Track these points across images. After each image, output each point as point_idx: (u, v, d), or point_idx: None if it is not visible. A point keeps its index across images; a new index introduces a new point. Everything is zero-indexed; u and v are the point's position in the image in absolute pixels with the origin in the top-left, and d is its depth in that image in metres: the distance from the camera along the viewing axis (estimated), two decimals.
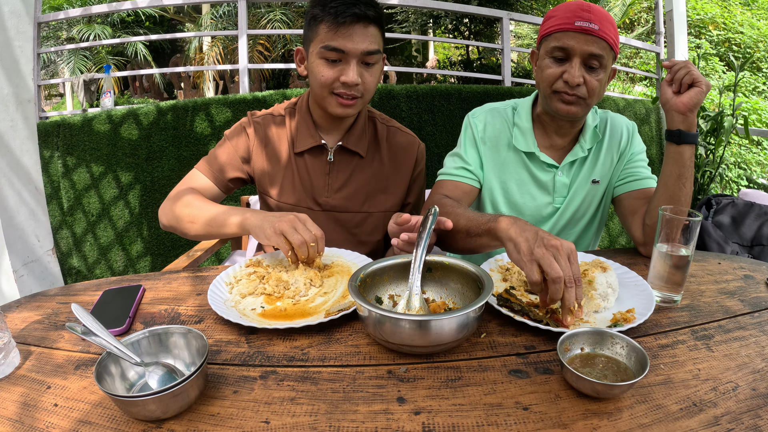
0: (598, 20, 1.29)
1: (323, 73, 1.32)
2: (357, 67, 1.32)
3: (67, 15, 3.79)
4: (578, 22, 1.29)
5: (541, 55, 1.41)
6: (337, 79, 1.32)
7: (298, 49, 1.43)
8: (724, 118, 3.83)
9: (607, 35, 1.30)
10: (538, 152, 1.47)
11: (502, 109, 1.55)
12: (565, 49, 1.32)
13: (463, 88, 3.64)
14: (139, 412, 0.73)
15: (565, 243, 0.93)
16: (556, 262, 0.89)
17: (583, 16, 1.29)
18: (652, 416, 0.73)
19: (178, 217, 1.36)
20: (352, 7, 1.27)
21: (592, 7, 1.31)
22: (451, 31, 11.25)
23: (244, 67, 3.75)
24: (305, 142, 1.46)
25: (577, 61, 1.31)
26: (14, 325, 1.04)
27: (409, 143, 1.57)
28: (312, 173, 1.48)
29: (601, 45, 1.30)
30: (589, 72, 1.33)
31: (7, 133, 2.38)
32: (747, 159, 5.90)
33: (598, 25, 1.28)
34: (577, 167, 1.50)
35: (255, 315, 1.03)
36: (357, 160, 1.50)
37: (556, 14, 1.35)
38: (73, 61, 10.08)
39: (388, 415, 0.74)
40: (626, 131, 1.53)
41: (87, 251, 3.43)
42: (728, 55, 9.17)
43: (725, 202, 2.68)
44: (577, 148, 1.48)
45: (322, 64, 1.32)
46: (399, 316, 0.83)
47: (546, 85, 1.38)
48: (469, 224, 1.16)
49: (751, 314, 1.02)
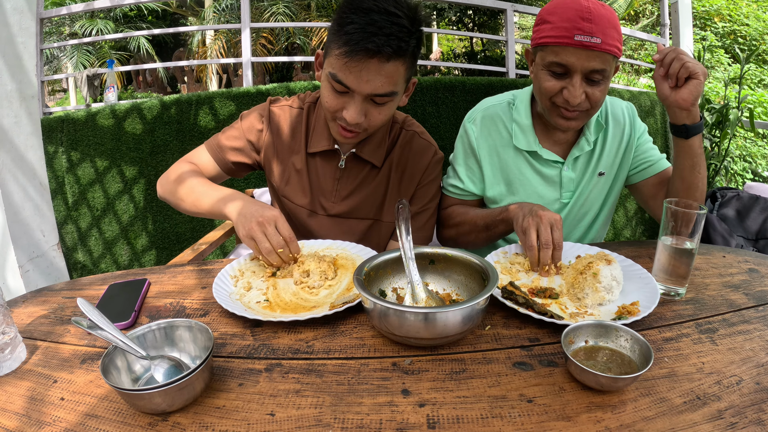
0: (600, 31, 1.16)
1: (327, 100, 1.21)
2: (362, 105, 1.18)
3: (70, 10, 3.79)
4: (578, 36, 1.17)
5: (537, 63, 1.30)
6: (339, 110, 1.21)
7: (318, 53, 1.28)
8: (729, 111, 3.81)
9: (610, 47, 1.19)
10: (541, 149, 1.42)
11: (498, 107, 1.47)
12: (564, 65, 1.22)
13: (467, 80, 3.62)
14: (145, 405, 0.73)
15: (548, 214, 1.14)
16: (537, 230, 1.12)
17: (583, 28, 1.16)
18: (656, 409, 0.73)
19: (171, 191, 1.35)
20: (370, 38, 1.08)
21: (592, 13, 1.18)
22: (455, 23, 11.20)
23: (248, 61, 3.74)
24: (319, 143, 1.38)
25: (578, 78, 1.22)
26: (20, 320, 1.04)
27: (422, 149, 1.44)
28: (321, 176, 1.41)
29: (604, 59, 1.20)
30: (591, 85, 1.24)
31: (11, 128, 2.38)
32: (752, 152, 5.87)
33: (600, 38, 1.16)
34: (583, 161, 1.45)
35: (260, 308, 1.03)
36: (369, 168, 1.41)
37: (552, 20, 1.22)
38: (76, 56, 10.09)
39: (393, 408, 0.75)
40: (627, 116, 1.46)
41: (92, 246, 3.45)
42: (734, 47, 9.11)
43: (730, 195, 2.67)
44: (582, 142, 1.41)
45: (329, 88, 1.20)
46: (404, 309, 0.83)
47: (544, 98, 1.30)
48: (487, 220, 1.35)
49: (755, 308, 1.02)
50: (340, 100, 1.19)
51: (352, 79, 1.13)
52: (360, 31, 1.08)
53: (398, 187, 1.44)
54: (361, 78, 1.13)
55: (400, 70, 1.16)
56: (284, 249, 1.11)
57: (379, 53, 1.10)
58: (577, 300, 1.02)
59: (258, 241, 1.09)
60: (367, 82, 1.13)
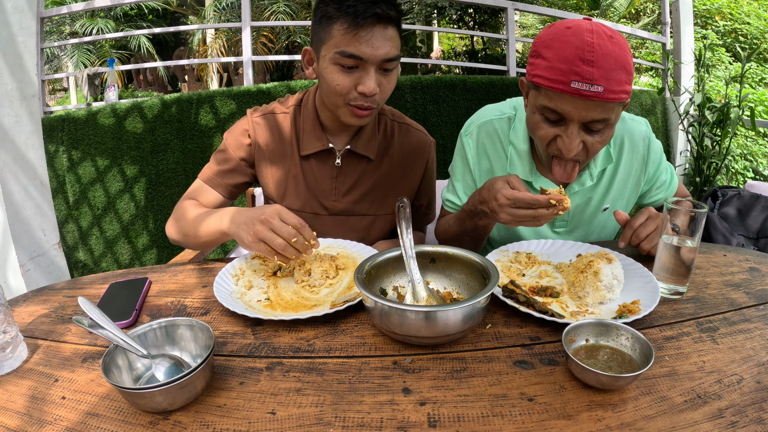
0: (603, 76, 0.98)
1: (338, 82, 1.20)
2: (376, 75, 1.20)
3: (70, 9, 3.79)
4: (575, 84, 0.99)
5: (530, 103, 1.14)
6: (353, 88, 1.20)
7: (305, 49, 1.30)
8: (730, 110, 3.80)
9: (615, 95, 1.00)
10: (537, 179, 1.28)
11: (497, 122, 1.33)
12: (558, 113, 1.07)
13: (468, 79, 3.62)
14: (147, 403, 0.73)
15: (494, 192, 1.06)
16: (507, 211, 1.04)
17: (583, 74, 0.98)
18: (657, 408, 0.73)
19: (178, 231, 1.34)
20: (373, 6, 1.14)
21: (595, 52, 0.99)
22: (456, 21, 11.20)
23: (248, 59, 3.74)
24: (312, 145, 1.37)
25: (574, 127, 1.06)
26: (21, 319, 1.04)
27: (421, 144, 1.47)
28: (319, 177, 1.40)
29: (606, 108, 1.03)
30: (591, 134, 1.08)
31: (12, 128, 2.38)
32: (753, 151, 5.86)
33: (603, 86, 0.98)
34: (585, 194, 1.31)
35: (261, 306, 1.03)
36: (366, 162, 1.41)
37: (548, 56, 1.04)
38: (77, 55, 10.09)
39: (394, 406, 0.75)
40: (643, 142, 1.31)
41: (93, 245, 3.45)
42: (735, 45, 9.08)
43: (731, 193, 2.66)
44: (585, 176, 1.27)
45: (337, 71, 1.20)
46: (405, 307, 0.83)
47: (537, 142, 1.17)
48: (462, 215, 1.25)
49: (756, 307, 1.02)
50: (353, 77, 1.20)
51: (365, 47, 1.16)
52: (362, 3, 1.14)
53: (401, 182, 1.46)
54: (372, 45, 1.16)
55: (397, 35, 1.22)
56: (298, 238, 1.05)
57: (385, 18, 1.16)
58: (578, 299, 1.02)
59: (268, 240, 1.04)
60: (378, 48, 1.17)
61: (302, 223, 1.07)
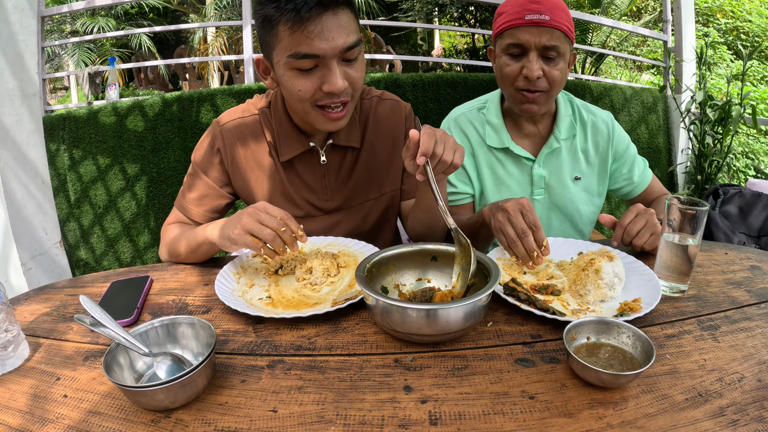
0: (548, 10, 1.26)
1: (300, 87, 1.09)
2: (340, 69, 1.08)
3: (71, 8, 3.79)
4: (528, 15, 1.27)
5: (498, 54, 1.39)
6: (318, 89, 1.10)
7: (257, 59, 1.18)
8: (731, 108, 3.79)
9: (560, 24, 1.28)
10: (513, 146, 1.45)
11: (469, 114, 1.52)
12: (519, 45, 1.30)
13: (469, 77, 3.62)
14: (148, 402, 0.73)
15: (512, 203, 1.12)
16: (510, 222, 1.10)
17: (532, 8, 1.27)
18: (658, 406, 0.73)
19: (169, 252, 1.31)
20: None
21: None
22: (457, 19, 11.17)
23: (249, 57, 3.73)
24: (291, 148, 1.27)
25: (533, 54, 1.30)
26: (23, 317, 1.05)
27: (391, 110, 1.38)
28: (306, 179, 1.32)
29: (555, 35, 1.28)
30: (548, 63, 1.31)
31: (13, 127, 2.38)
32: (755, 149, 5.85)
33: (549, 15, 1.26)
34: (555, 159, 1.47)
35: (262, 305, 1.03)
36: (351, 152, 1.34)
37: (506, 9, 1.33)
38: (78, 54, 10.08)
39: (395, 404, 0.75)
40: (608, 128, 1.50)
41: (94, 243, 3.45)
42: (736, 43, 9.06)
43: (733, 191, 2.66)
44: (551, 139, 1.45)
45: (295, 75, 1.09)
46: (406, 305, 0.84)
47: (507, 84, 1.37)
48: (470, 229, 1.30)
49: (757, 305, 1.02)
50: (314, 78, 1.09)
51: (319, 42, 1.04)
52: None
53: (390, 158, 1.38)
54: (325, 37, 1.04)
55: (351, 17, 1.09)
56: (286, 228, 1.02)
57: (332, 2, 1.03)
58: (579, 296, 1.02)
59: (256, 232, 1.01)
60: (334, 38, 1.04)
61: (288, 214, 1.04)
